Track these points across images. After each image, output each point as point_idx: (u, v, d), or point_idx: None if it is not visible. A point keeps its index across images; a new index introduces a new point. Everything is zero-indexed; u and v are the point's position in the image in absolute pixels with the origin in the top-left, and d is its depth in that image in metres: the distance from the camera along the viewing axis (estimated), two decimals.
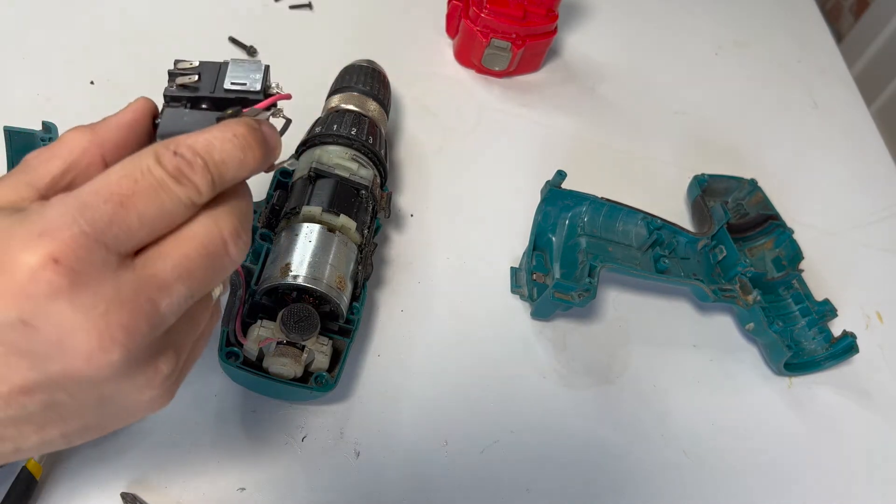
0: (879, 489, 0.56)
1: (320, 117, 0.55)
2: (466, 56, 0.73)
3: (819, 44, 0.93)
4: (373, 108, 0.56)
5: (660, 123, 0.76)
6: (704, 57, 0.86)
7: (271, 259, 0.47)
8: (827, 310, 0.60)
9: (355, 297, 0.48)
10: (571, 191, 0.58)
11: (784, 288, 0.61)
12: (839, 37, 1.69)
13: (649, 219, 0.60)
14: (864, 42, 1.60)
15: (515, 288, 0.58)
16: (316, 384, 0.45)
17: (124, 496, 0.42)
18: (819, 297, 0.62)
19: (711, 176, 0.67)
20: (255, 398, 0.48)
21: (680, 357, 0.59)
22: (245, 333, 0.45)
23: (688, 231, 0.60)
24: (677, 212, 0.68)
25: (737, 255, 0.59)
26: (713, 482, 0.53)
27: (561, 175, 0.56)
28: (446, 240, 0.60)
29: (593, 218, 0.60)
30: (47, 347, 0.25)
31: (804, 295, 0.61)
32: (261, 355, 0.45)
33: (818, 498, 0.54)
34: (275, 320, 0.45)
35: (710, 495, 0.53)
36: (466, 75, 0.73)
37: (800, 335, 0.60)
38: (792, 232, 0.64)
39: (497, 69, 0.72)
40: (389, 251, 0.58)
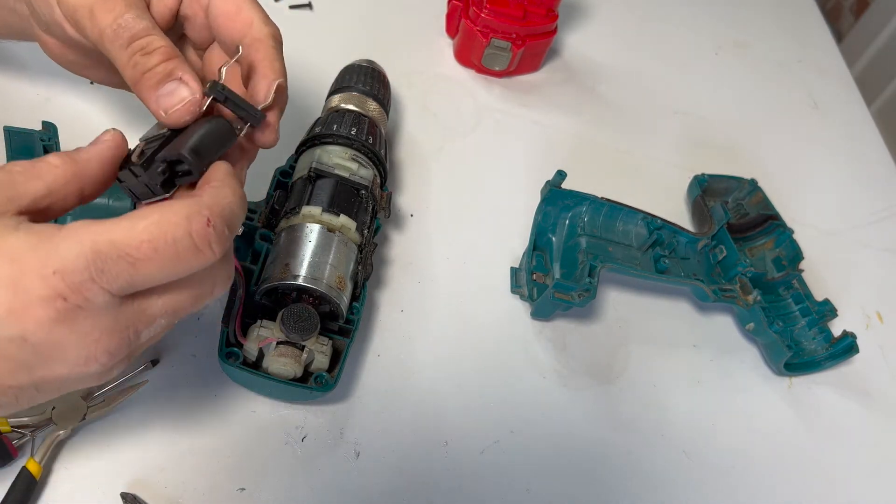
0: (879, 489, 0.56)
1: (320, 117, 0.55)
2: (466, 56, 0.73)
3: (819, 44, 0.93)
4: (373, 108, 0.56)
5: (660, 123, 0.76)
6: (704, 57, 0.86)
7: (271, 259, 0.47)
8: (827, 310, 0.60)
9: (355, 297, 0.48)
10: (571, 191, 0.58)
11: (784, 288, 0.61)
12: (839, 37, 1.69)
13: (649, 219, 0.59)
14: (864, 42, 1.60)
15: (515, 288, 0.58)
16: (316, 384, 0.45)
17: (124, 496, 0.42)
18: (819, 297, 0.62)
19: (711, 176, 0.67)
20: (255, 398, 0.48)
21: (680, 357, 0.59)
22: (245, 333, 0.45)
23: (688, 231, 0.60)
24: (677, 212, 0.68)
25: (737, 255, 0.59)
26: (713, 482, 0.53)
27: (561, 175, 0.56)
28: (446, 240, 0.60)
29: (593, 218, 0.60)
30: (39, 360, 0.28)
31: (804, 295, 0.61)
32: (261, 355, 0.45)
33: (818, 498, 0.54)
34: (275, 320, 0.45)
35: (710, 495, 0.53)
36: (466, 75, 0.73)
37: (800, 335, 0.60)
38: (792, 232, 0.64)
39: (497, 69, 0.72)
40: (389, 251, 0.58)
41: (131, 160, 0.33)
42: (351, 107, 0.55)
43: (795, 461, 0.56)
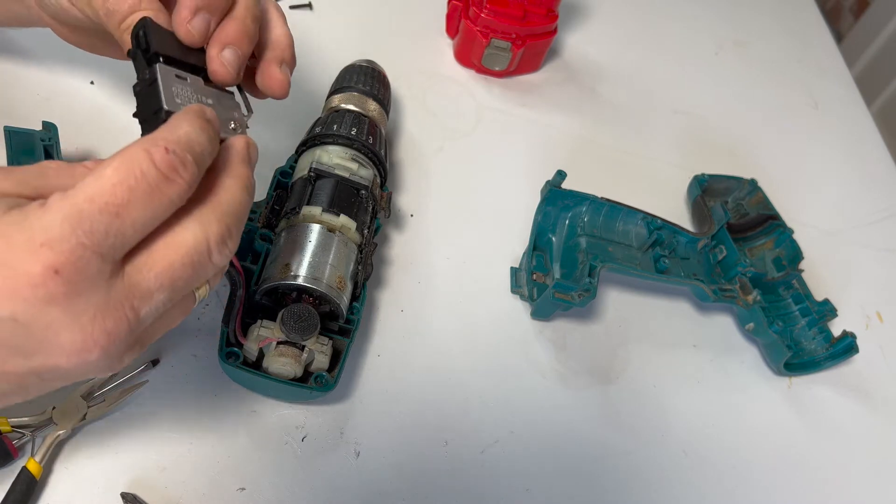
0: (879, 489, 0.56)
1: (320, 117, 0.55)
2: (466, 56, 0.73)
3: (819, 44, 0.93)
4: (373, 108, 0.56)
5: (660, 123, 0.76)
6: (704, 57, 0.86)
7: (271, 259, 0.47)
8: (827, 310, 0.60)
9: (355, 297, 0.48)
10: (571, 191, 0.58)
11: (784, 288, 0.61)
12: (839, 37, 1.69)
13: (649, 219, 0.60)
14: (864, 42, 1.61)
15: (515, 288, 0.58)
16: (316, 384, 0.45)
17: (124, 496, 0.42)
18: (819, 297, 0.62)
19: (711, 176, 0.67)
20: (255, 398, 0.48)
21: (680, 357, 0.59)
22: (245, 333, 0.45)
23: (688, 231, 0.60)
24: (677, 212, 0.68)
25: (737, 255, 0.59)
26: (713, 482, 0.53)
27: (561, 175, 0.56)
28: (446, 240, 0.60)
29: (593, 218, 0.60)
30: (33, 343, 0.27)
31: (804, 295, 0.61)
32: (261, 355, 0.45)
33: (818, 498, 0.54)
34: (275, 320, 0.45)
35: (710, 495, 0.53)
36: (466, 75, 0.73)
37: (800, 335, 0.60)
38: (792, 232, 0.64)
39: (497, 69, 0.72)
40: (389, 251, 0.58)
41: None
42: (351, 107, 0.55)
43: (795, 461, 0.56)
